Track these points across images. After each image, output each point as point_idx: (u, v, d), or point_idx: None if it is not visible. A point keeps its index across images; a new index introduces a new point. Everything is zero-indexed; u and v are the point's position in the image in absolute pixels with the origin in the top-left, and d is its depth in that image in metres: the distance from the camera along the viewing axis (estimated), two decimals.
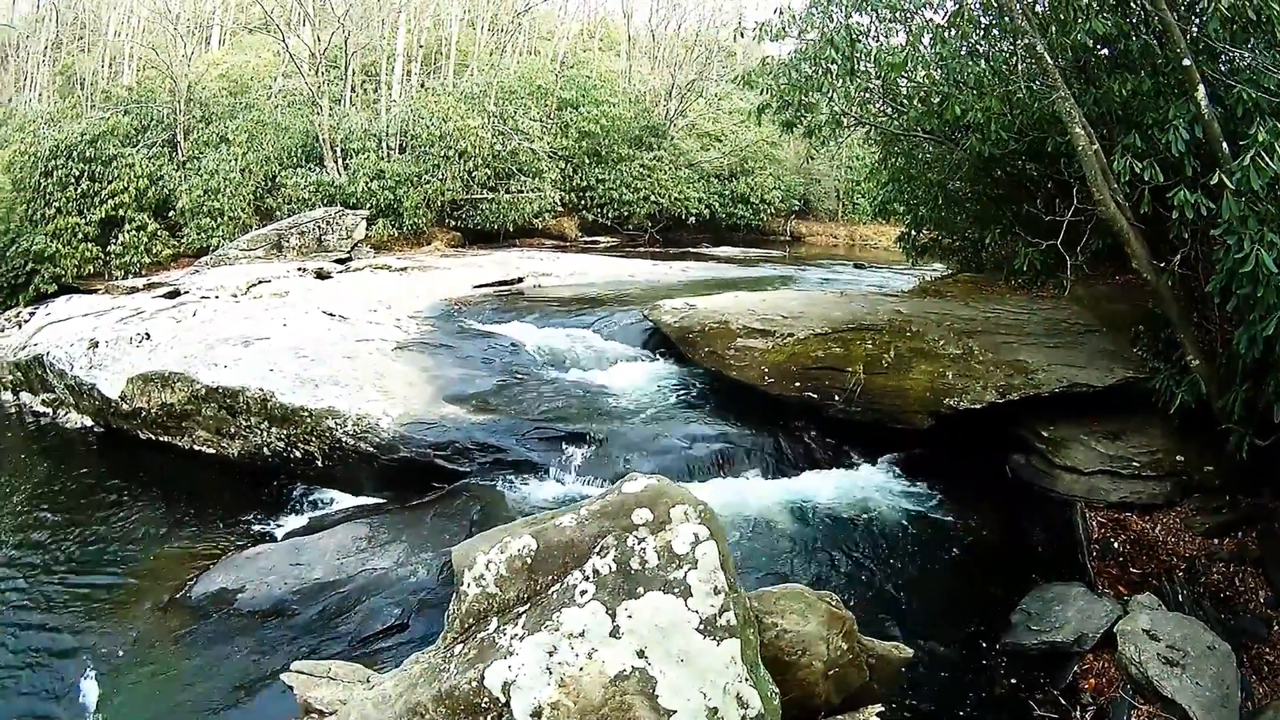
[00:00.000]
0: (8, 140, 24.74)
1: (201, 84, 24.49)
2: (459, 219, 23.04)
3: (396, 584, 8.19)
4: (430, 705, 4.64)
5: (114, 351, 12.90)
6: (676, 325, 11.52)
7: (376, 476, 10.02)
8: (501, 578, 4.87)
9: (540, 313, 13.49)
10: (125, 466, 12.04)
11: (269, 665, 7.48)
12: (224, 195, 20.63)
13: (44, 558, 10.25)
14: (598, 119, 25.82)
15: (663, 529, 4.67)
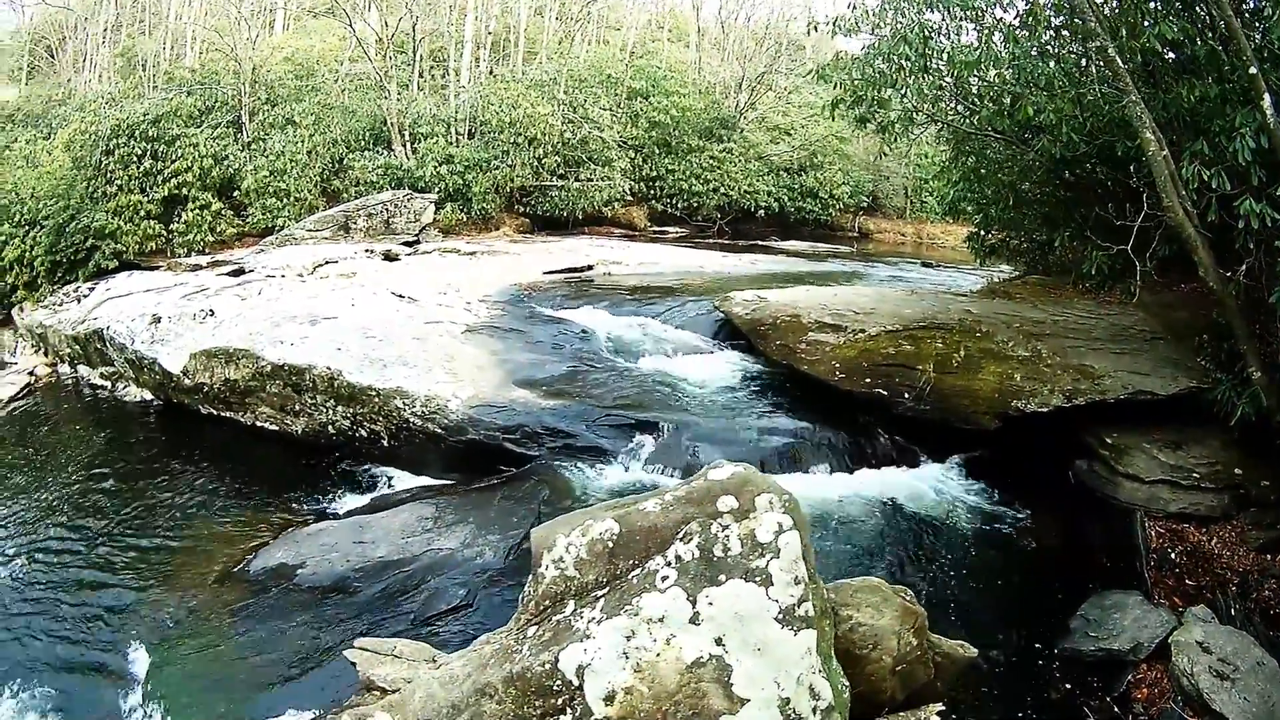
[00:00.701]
0: (67, 119, 25.84)
1: (266, 67, 25.29)
2: (528, 205, 23.57)
3: (462, 565, 8.41)
4: (500, 686, 4.78)
5: (177, 327, 13.42)
6: (748, 317, 11.69)
7: (443, 458, 10.31)
8: (581, 560, 4.99)
9: (611, 300, 13.77)
10: (184, 440, 12.53)
11: (328, 641, 7.75)
12: (290, 176, 21.30)
13: (101, 526, 10.75)
14: (667, 109, 26.22)
15: (747, 517, 4.77)
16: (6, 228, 19.99)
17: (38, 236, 19.56)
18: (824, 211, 29.02)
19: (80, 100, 28.36)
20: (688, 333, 12.48)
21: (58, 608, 9.21)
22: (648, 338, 12.35)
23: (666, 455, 9.66)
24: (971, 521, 9.15)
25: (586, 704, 4.56)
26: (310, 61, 27.76)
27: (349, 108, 24.07)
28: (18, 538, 10.95)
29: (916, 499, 9.36)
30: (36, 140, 26.25)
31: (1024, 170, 11.79)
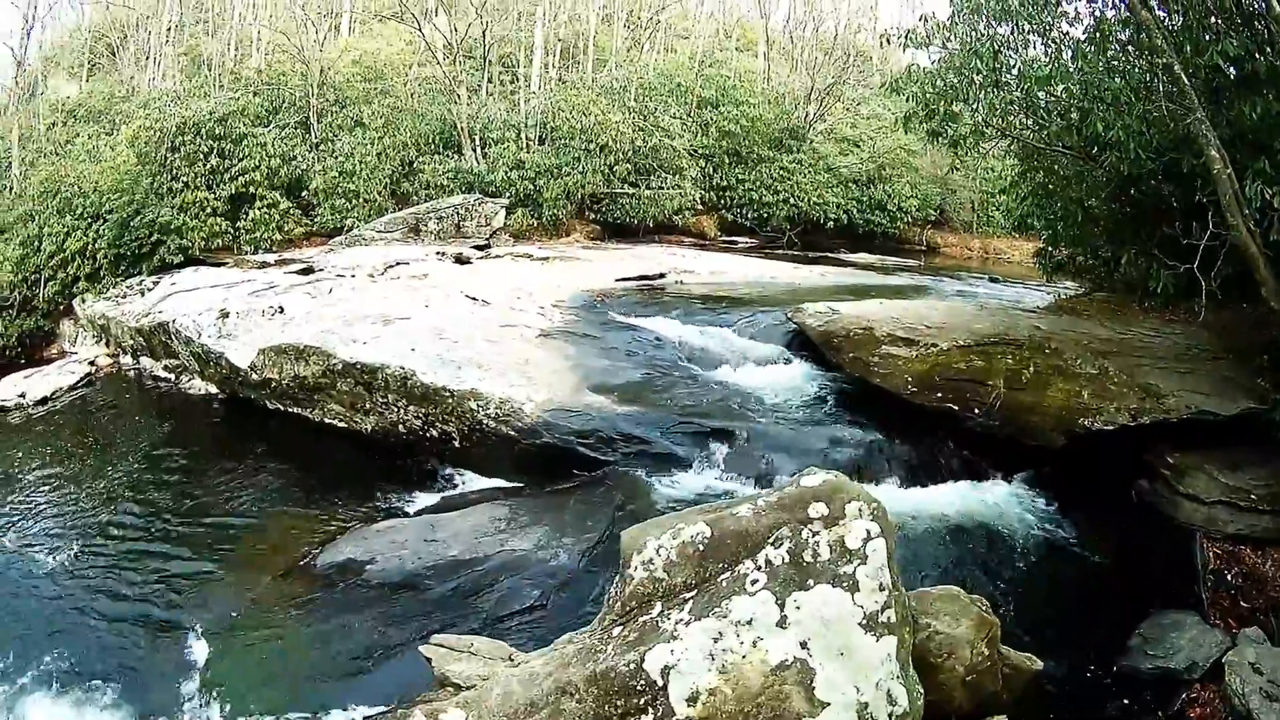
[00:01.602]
0: (131, 116, 26.79)
1: (334, 69, 26.20)
2: (599, 212, 24.10)
3: (536, 566, 8.68)
4: (581, 685, 4.99)
5: (245, 323, 13.93)
6: (820, 329, 11.91)
7: (515, 460, 10.62)
8: (671, 563, 5.22)
9: (683, 309, 14.01)
10: (249, 434, 13.04)
11: (397, 637, 8.03)
12: (360, 177, 22.07)
13: (162, 514, 11.21)
14: (737, 119, 26.70)
15: (837, 523, 5.01)
16: (69, 220, 20.99)
17: (101, 230, 20.50)
18: (892, 224, 29.26)
19: (144, 97, 29.36)
20: (760, 343, 12.68)
21: (117, 595, 9.59)
22: (721, 347, 12.57)
23: (740, 463, 9.90)
24: (1036, 537, 9.32)
25: (669, 704, 4.76)
26: (378, 65, 28.61)
27: (418, 111, 24.83)
28: (78, 523, 11.45)
29: (983, 514, 9.53)
30: (99, 136, 27.19)
31: (1092, 187, 11.89)
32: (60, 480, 13.11)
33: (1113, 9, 10.54)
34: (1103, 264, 14.04)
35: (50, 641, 8.91)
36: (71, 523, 11.57)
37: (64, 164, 23.97)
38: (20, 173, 26.29)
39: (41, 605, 9.67)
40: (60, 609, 9.52)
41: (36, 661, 8.55)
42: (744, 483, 9.57)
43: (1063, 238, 13.97)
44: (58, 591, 9.87)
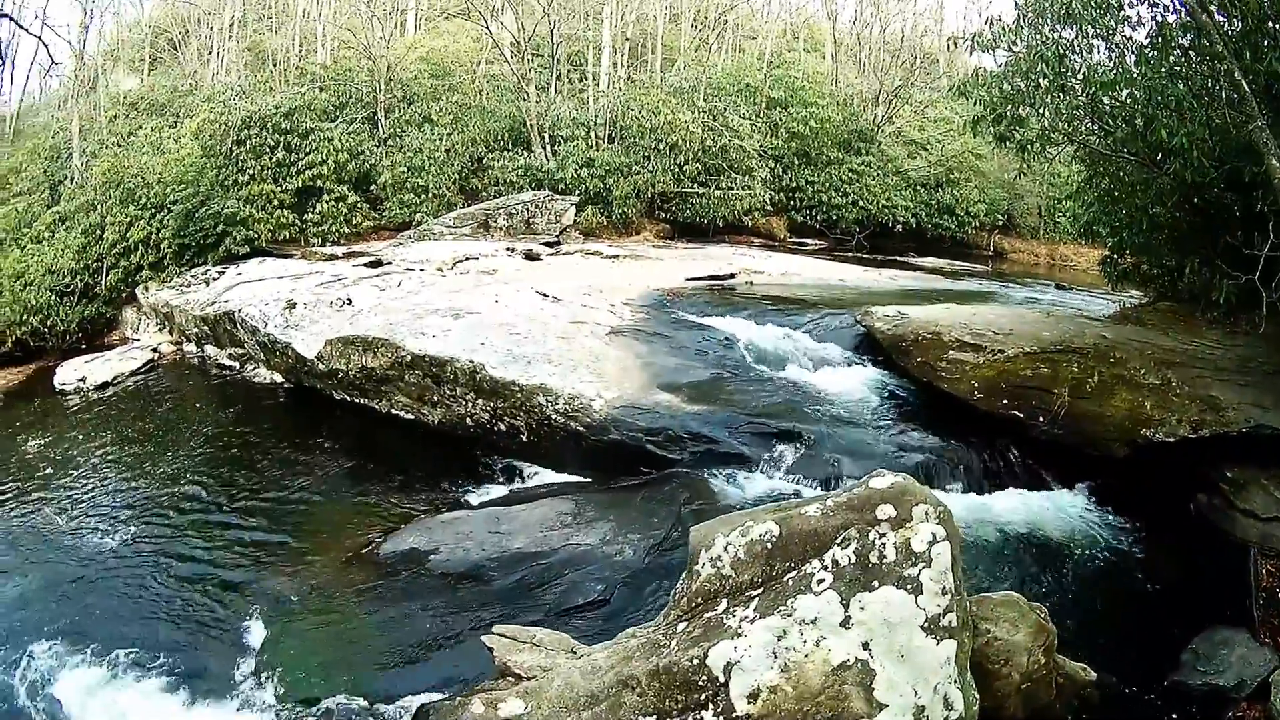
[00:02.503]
0: (194, 109, 27.74)
1: (401, 66, 26.90)
2: (669, 211, 24.55)
3: (601, 560, 8.95)
4: (644, 679, 5.24)
5: (312, 314, 14.52)
6: (890, 333, 12.10)
7: (583, 456, 10.94)
8: (739, 561, 5.44)
9: (753, 310, 14.22)
10: (316, 423, 13.52)
11: (459, 626, 8.33)
12: (428, 173, 22.83)
13: (223, 499, 11.74)
14: (806, 120, 26.96)
15: (904, 526, 5.20)
16: (132, 210, 21.89)
17: (165, 220, 21.36)
18: (960, 229, 29.28)
19: (208, 91, 30.35)
20: (829, 345, 12.86)
21: (176, 575, 10.03)
22: (790, 348, 12.75)
23: (807, 465, 10.12)
24: (1094, 548, 9.42)
25: (729, 700, 4.98)
26: (446, 62, 29.43)
27: (487, 108, 25.49)
28: (139, 504, 11.98)
29: (1043, 521, 9.65)
30: (162, 128, 28.10)
31: (1156, 194, 11.87)
32: (122, 462, 13.73)
33: (1173, 13, 10.63)
34: (1167, 273, 14.03)
35: (107, 618, 9.38)
36: (132, 504, 12.10)
37: (127, 155, 24.97)
38: (81, 163, 27.28)
39: (99, 583, 10.14)
40: (118, 587, 10.00)
41: (94, 636, 8.96)
42: (810, 485, 9.80)
43: (1128, 245, 13.99)
44: (116, 570, 10.36)
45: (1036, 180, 29.20)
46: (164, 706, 7.96)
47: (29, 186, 28.03)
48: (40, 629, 9.45)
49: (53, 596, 10.14)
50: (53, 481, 13.50)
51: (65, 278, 21.94)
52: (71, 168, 27.52)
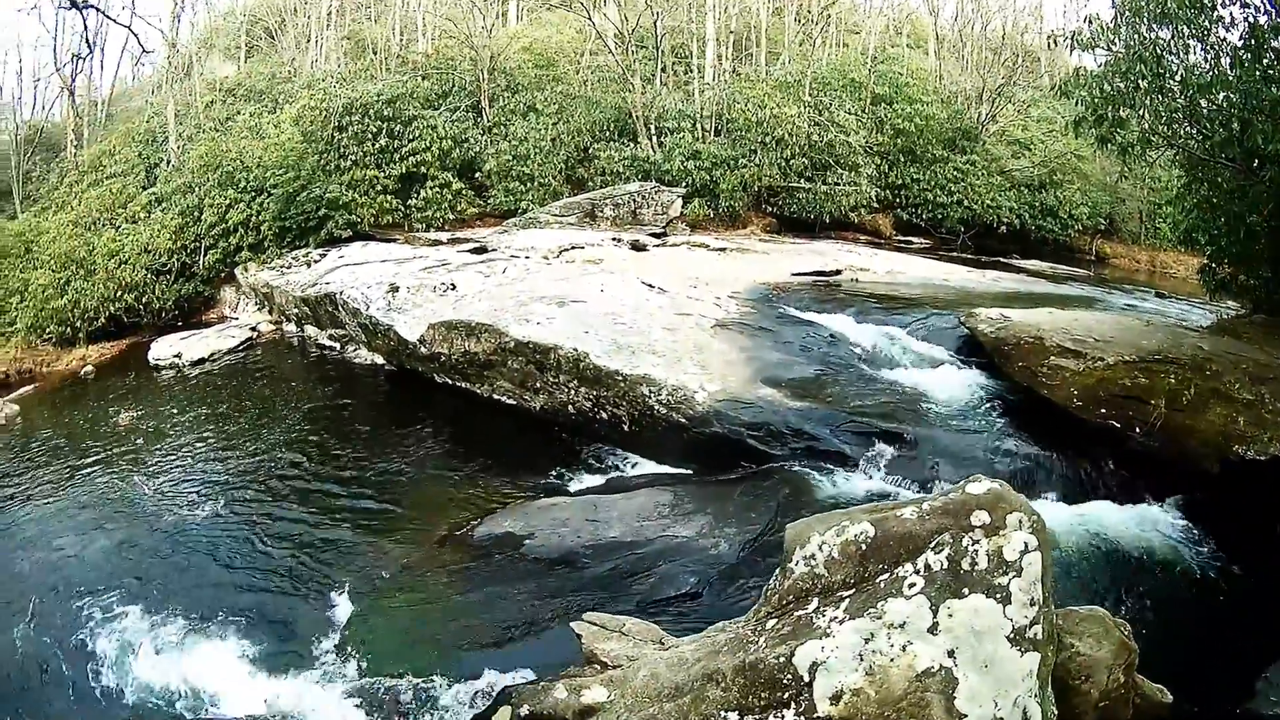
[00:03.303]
0: (294, 96, 28.82)
1: (504, 55, 27.63)
2: (775, 205, 24.72)
3: (695, 553, 9.08)
4: (729, 674, 5.31)
5: (415, 298, 15.00)
6: (992, 335, 12.06)
7: (683, 447, 11.16)
8: (832, 560, 5.49)
9: (857, 307, 14.33)
10: (416, 406, 14.03)
11: (548, 612, 8.55)
12: (534, 162, 23.48)
13: (319, 476, 12.27)
14: (911, 117, 26.84)
15: (997, 533, 5.19)
16: (231, 193, 22.92)
17: (265, 203, 22.39)
18: (1063, 232, 28.91)
19: (307, 78, 31.46)
20: (931, 345, 12.90)
21: (265, 547, 10.56)
22: (893, 347, 12.85)
23: (906, 467, 10.18)
24: (1180, 566, 9.27)
25: (812, 701, 5.01)
26: (549, 53, 30.11)
27: (592, 99, 26.07)
28: (233, 476, 12.63)
29: (1131, 536, 9.52)
30: (260, 114, 29.26)
31: (1253, 202, 11.73)
32: (215, 435, 14.45)
33: (1265, 14, 10.57)
34: (1263, 284, 13.89)
35: (191, 584, 9.94)
36: (224, 476, 12.76)
37: (224, 140, 26.19)
38: (177, 147, 28.59)
39: (185, 550, 10.75)
40: (204, 555, 10.57)
41: (176, 601, 9.52)
42: (908, 487, 9.86)
43: (1225, 254, 13.85)
44: (204, 538, 10.96)
45: (1137, 184, 28.88)
46: (242, 673, 8.35)
47: (123, 169, 29.33)
48: (123, 591, 9.98)
49: (137, 560, 10.76)
50: (143, 452, 14.25)
51: (162, 257, 23.17)
52: (167, 151, 29.00)
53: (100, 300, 22.45)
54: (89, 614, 9.66)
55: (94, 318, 22.50)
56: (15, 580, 10.90)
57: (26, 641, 9.49)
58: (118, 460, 14.17)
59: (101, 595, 10.02)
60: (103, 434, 15.60)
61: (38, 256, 24.64)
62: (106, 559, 10.97)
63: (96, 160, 30.72)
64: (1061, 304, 14.22)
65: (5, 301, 24.10)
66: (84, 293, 22.58)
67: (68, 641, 9.25)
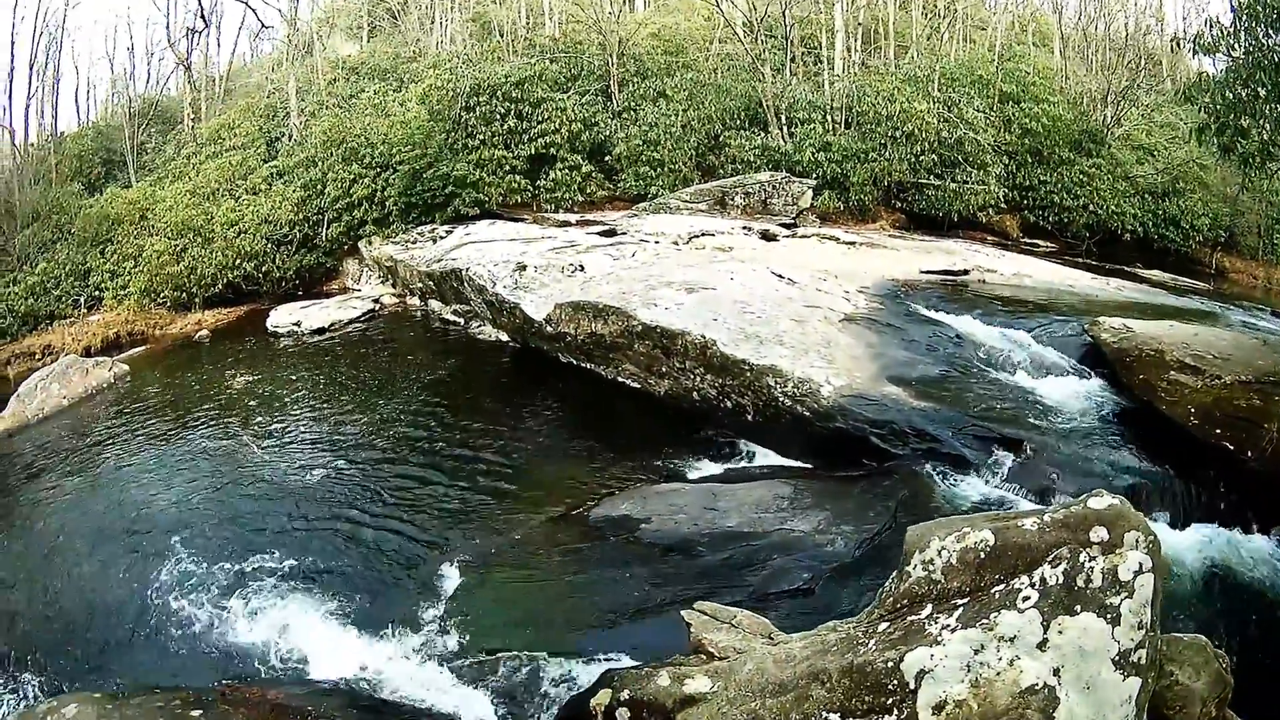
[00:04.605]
0: (419, 75, 29.57)
1: (632, 41, 28.08)
2: (905, 201, 24.74)
3: (811, 549, 9.18)
4: (835, 674, 5.40)
5: (543, 277, 15.39)
6: (1115, 345, 11.92)
7: (805, 441, 11.30)
8: (950, 566, 5.54)
9: (984, 309, 14.28)
10: (538, 384, 14.44)
11: (658, 597, 8.72)
12: (664, 147, 23.91)
13: (437, 447, 12.72)
14: (1039, 117, 26.45)
15: (1113, 551, 5.17)
16: (355, 168, 23.69)
17: (390, 179, 23.08)
18: (1184, 242, 28.16)
19: (432, 59, 32.18)
20: (1054, 352, 12.75)
21: (375, 514, 10.98)
22: (1017, 351, 12.72)
23: (1024, 475, 10.09)
24: None
25: (914, 708, 5.07)
26: (677, 39, 30.52)
27: (722, 86, 26.27)
28: (348, 443, 13.16)
29: (1235, 564, 9.32)
30: (385, 92, 30.00)
31: None
32: (331, 402, 15.05)
33: None
34: None
35: (296, 544, 10.41)
36: (339, 441, 13.31)
37: (349, 116, 26.98)
38: (300, 122, 29.51)
39: (293, 511, 11.29)
40: (312, 517, 11.08)
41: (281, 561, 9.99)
42: (1024, 496, 9.77)
43: None
44: (312, 501, 11.48)
45: (1257, 197, 28.23)
46: (340, 636, 8.72)
47: (243, 142, 30.36)
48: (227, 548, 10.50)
49: (238, 517, 11.35)
50: (255, 414, 14.96)
51: (283, 228, 24.10)
52: (289, 126, 29.93)
53: (218, 268, 23.44)
54: (184, 567, 10.25)
55: (211, 284, 23.50)
56: (114, 531, 11.60)
57: (120, 592, 10.08)
58: (228, 420, 14.90)
59: (198, 549, 10.61)
60: (214, 395, 16.39)
61: (153, 224, 25.79)
62: (207, 514, 11.58)
63: (215, 133, 31.80)
64: (1182, 317, 14.00)
65: (119, 266, 25.33)
66: (201, 260, 23.60)
67: (161, 593, 9.78)
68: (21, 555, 11.62)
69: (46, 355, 22.86)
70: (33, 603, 10.34)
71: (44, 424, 17.03)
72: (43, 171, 32.55)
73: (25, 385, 18.25)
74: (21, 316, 24.94)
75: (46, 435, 16.27)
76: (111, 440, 14.95)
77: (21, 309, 24.96)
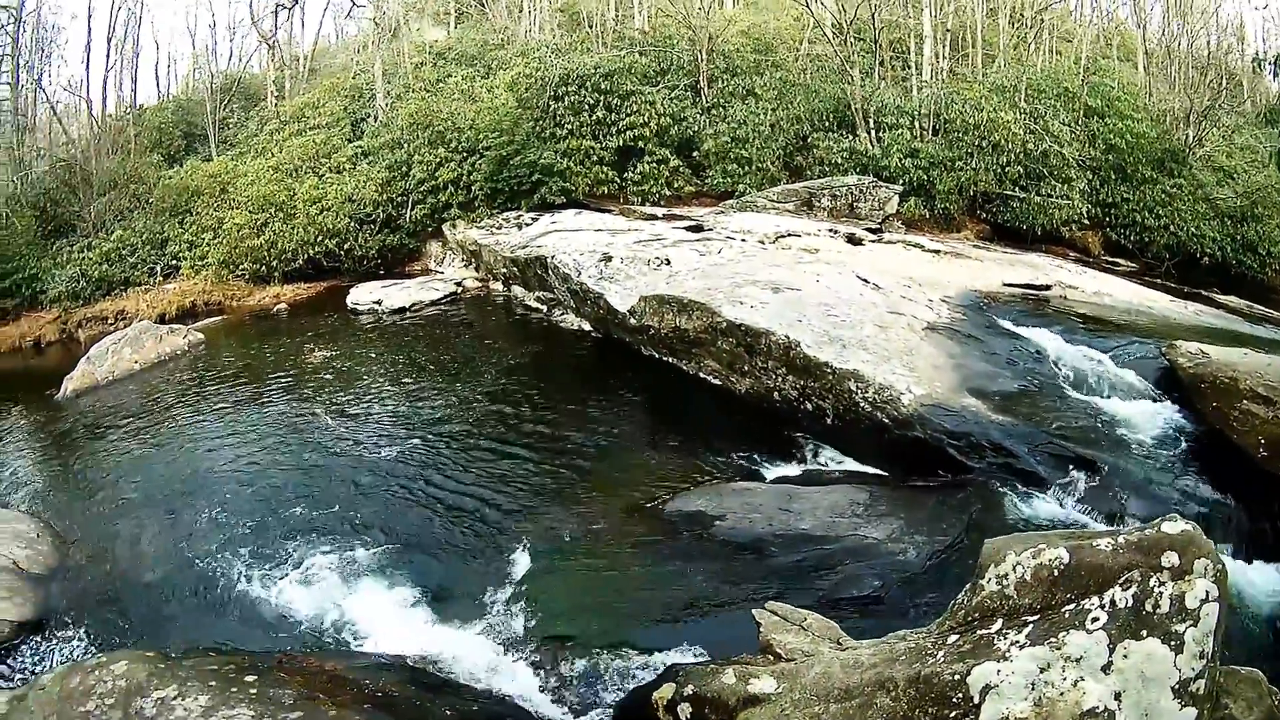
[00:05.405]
0: (507, 63, 29.94)
1: (722, 37, 28.08)
2: (989, 212, 24.48)
3: (883, 557, 9.16)
4: (901, 684, 5.38)
5: (628, 269, 15.55)
6: (1190, 370, 11.66)
7: (881, 448, 11.28)
8: (1023, 583, 5.47)
9: (1064, 326, 14.12)
10: (619, 375, 14.54)
11: (728, 596, 8.76)
12: (752, 145, 24.00)
13: (514, 432, 12.85)
14: (1123, 133, 26.12)
15: (1182, 578, 5.08)
16: (442, 151, 24.13)
17: (477, 164, 23.50)
18: (1261, 270, 27.70)
19: (521, 47, 32.60)
20: (1131, 374, 12.55)
21: (448, 495, 11.13)
22: (1095, 370, 12.62)
23: (1096, 498, 9.96)
24: None
25: None
26: (766, 37, 30.60)
27: (811, 87, 26.28)
28: (425, 422, 13.35)
29: None
30: (473, 78, 30.34)
31: None
32: (409, 382, 15.31)
33: None
34: None
35: (367, 522, 10.60)
36: (416, 421, 13.51)
37: (435, 100, 27.39)
38: (386, 104, 29.98)
39: (365, 488, 11.48)
40: (385, 495, 11.27)
41: (349, 536, 10.22)
42: (1095, 518, 9.67)
43: None
44: (386, 479, 11.66)
45: None
46: (404, 613, 8.90)
47: (327, 121, 31.09)
48: (293, 518, 10.77)
49: (308, 489, 11.58)
50: (331, 388, 15.24)
51: (366, 207, 24.64)
52: (374, 108, 30.53)
53: (299, 243, 24.16)
54: (246, 533, 10.57)
55: (291, 259, 24.23)
56: (176, 494, 11.96)
57: (178, 555, 10.38)
58: (302, 392, 15.27)
59: (262, 517, 10.94)
60: (289, 367, 16.82)
61: (234, 197, 26.50)
62: (274, 483, 11.92)
63: (299, 111, 32.59)
64: (1257, 345, 13.85)
65: (198, 237, 26.16)
66: (282, 235, 24.35)
67: (220, 558, 10.07)
68: (82, 513, 12.01)
69: (119, 320, 23.76)
70: (89, 560, 10.70)
71: (113, 386, 17.66)
72: (121, 142, 33.29)
73: (96, 348, 18.90)
74: (95, 281, 25.82)
75: (116, 397, 16.84)
76: (181, 404, 15.42)
77: (95, 274, 25.88)
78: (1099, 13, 41.33)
